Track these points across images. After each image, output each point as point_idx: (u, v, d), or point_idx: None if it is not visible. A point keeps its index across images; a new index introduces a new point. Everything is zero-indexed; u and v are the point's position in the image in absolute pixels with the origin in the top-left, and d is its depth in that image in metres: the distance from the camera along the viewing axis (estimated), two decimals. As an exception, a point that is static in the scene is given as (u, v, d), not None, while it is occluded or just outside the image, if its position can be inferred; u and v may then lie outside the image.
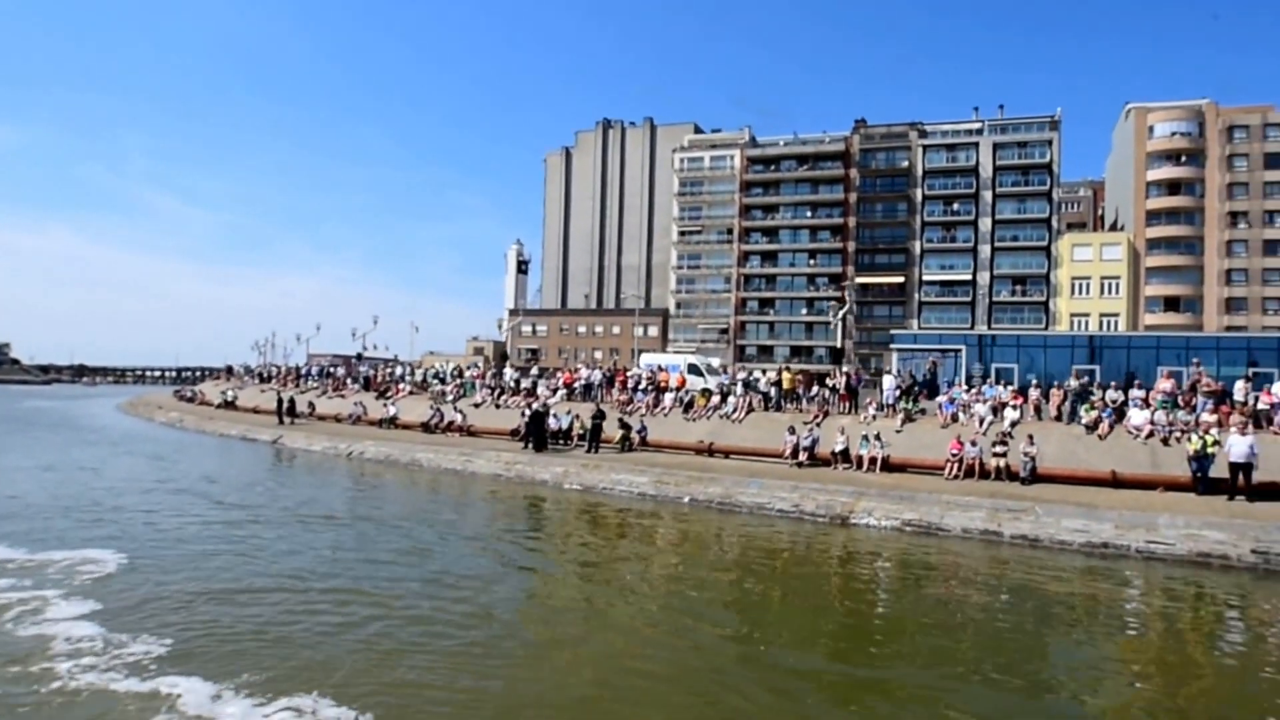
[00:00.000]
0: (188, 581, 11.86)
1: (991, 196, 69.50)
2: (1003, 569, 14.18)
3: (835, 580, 13.94)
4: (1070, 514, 16.04)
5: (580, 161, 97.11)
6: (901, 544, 16.09)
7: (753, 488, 20.05)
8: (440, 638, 9.72)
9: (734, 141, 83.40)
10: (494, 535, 17.32)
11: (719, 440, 25.44)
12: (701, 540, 16.96)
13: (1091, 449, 20.21)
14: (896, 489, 18.98)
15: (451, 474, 25.77)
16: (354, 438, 32.13)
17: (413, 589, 12.04)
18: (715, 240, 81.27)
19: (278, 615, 10.47)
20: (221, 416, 44.53)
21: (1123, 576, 13.71)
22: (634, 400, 30.49)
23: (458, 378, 40.20)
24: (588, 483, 22.71)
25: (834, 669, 9.43)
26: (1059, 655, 10.04)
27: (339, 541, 15.65)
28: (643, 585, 13.36)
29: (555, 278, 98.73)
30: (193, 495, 20.53)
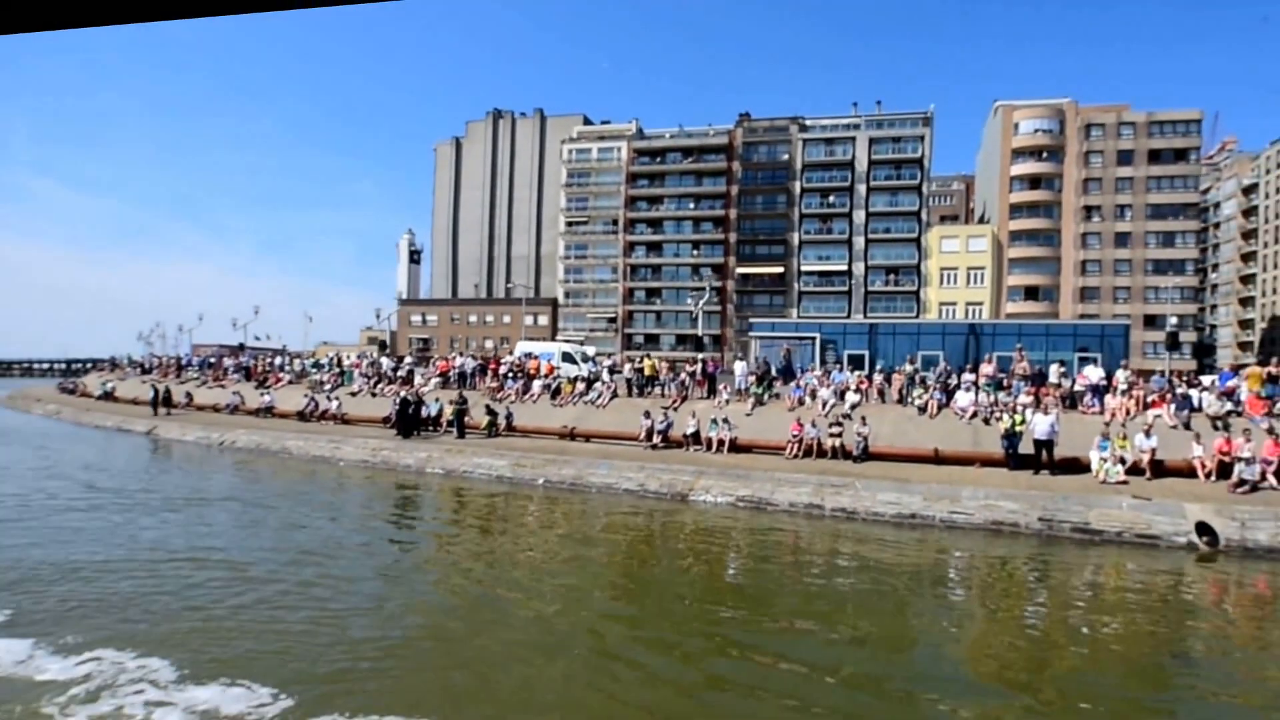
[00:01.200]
0: (31, 559, 12.14)
1: (866, 190, 71.92)
2: (826, 540, 14.91)
3: (681, 551, 14.36)
4: (886, 489, 16.95)
5: (470, 151, 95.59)
6: (734, 518, 16.69)
7: (602, 469, 20.37)
8: (283, 598, 10.48)
9: (621, 133, 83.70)
10: (344, 513, 17.47)
11: (582, 425, 25.65)
12: (546, 516, 17.23)
13: (921, 428, 21.32)
14: (736, 468, 19.60)
15: (319, 461, 25.43)
16: (228, 427, 31.25)
17: (254, 557, 12.75)
18: (602, 231, 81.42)
19: (119, 584, 10.99)
20: (99, 408, 42.95)
21: (922, 541, 14.62)
22: (505, 387, 30.40)
23: (336, 367, 39.17)
24: (450, 467, 22.66)
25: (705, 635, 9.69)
26: (903, 612, 10.84)
27: (190, 520, 15.92)
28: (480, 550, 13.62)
29: (445, 268, 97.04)
30: (59, 481, 20.31)
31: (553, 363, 33.22)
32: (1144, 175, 68.59)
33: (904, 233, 71.24)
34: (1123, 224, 69.10)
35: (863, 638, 9.69)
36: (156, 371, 49.25)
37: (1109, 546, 14.10)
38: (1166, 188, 68.67)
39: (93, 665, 7.90)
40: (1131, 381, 20.97)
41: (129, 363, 57.51)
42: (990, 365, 23.47)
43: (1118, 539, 14.25)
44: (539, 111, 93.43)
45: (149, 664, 7.95)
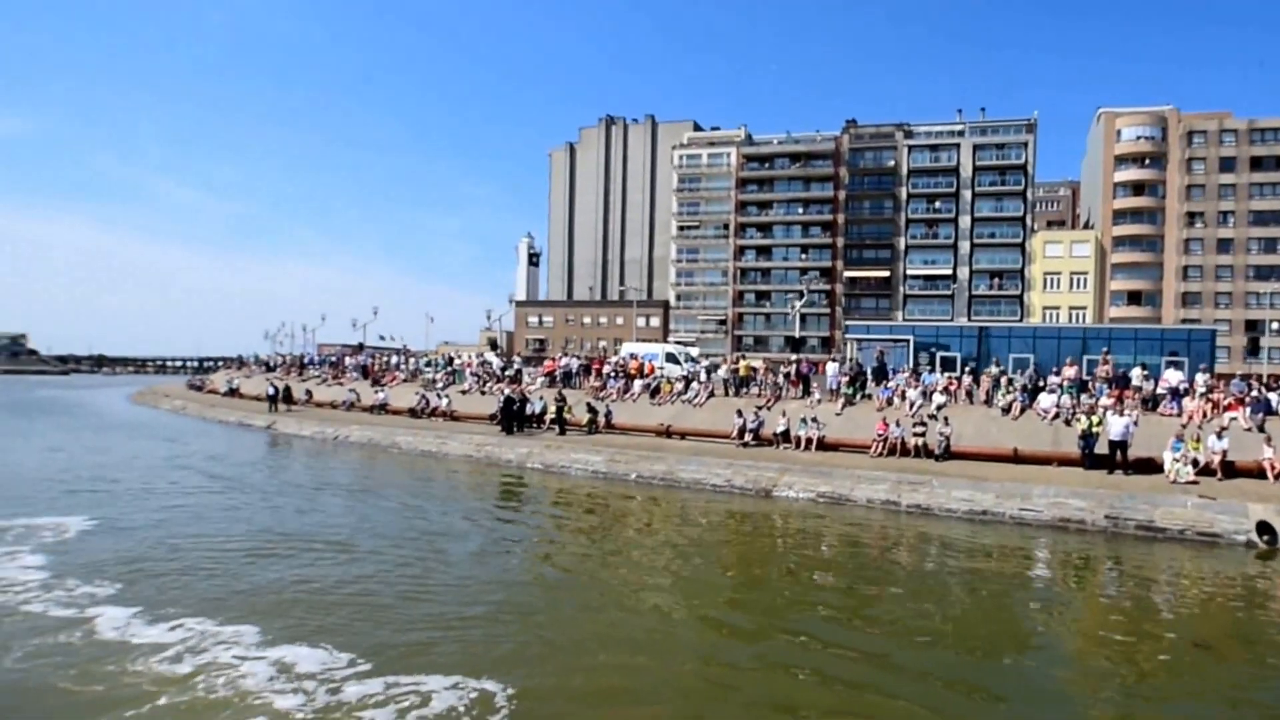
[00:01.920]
0: (149, 539, 13.58)
1: (971, 195, 71.23)
2: (906, 535, 15.94)
3: (767, 543, 15.66)
4: (960, 486, 17.65)
5: (584, 157, 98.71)
6: (815, 513, 17.67)
7: (692, 465, 21.77)
8: (382, 577, 11.69)
9: (731, 139, 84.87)
10: (445, 503, 18.96)
11: (679, 423, 27.17)
12: (636, 508, 18.66)
13: (1004, 429, 21.79)
14: (819, 465, 20.60)
15: (427, 456, 27.14)
16: (343, 423, 33.64)
17: (357, 539, 14.20)
18: (713, 235, 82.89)
19: (228, 561, 12.38)
20: (224, 404, 46.02)
21: (994, 537, 15.39)
22: (606, 386, 32.28)
23: (448, 366, 42.12)
24: (549, 462, 24.39)
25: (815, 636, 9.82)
26: (989, 605, 11.49)
27: (300, 506, 17.67)
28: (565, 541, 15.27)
29: (561, 270, 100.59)
30: (182, 471, 22.59)
31: (655, 363, 34.97)
32: (1246, 182, 66.77)
33: (1008, 238, 70.40)
34: (1225, 230, 67.43)
35: (955, 631, 10.06)
36: (279, 370, 53.03)
37: (1171, 544, 14.44)
38: (1269, 194, 66.69)
39: (186, 631, 8.78)
40: (1211, 385, 21.00)
41: (255, 361, 62.34)
42: (1073, 368, 23.67)
43: (1180, 536, 14.59)
44: (650, 118, 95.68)
45: (242, 630, 8.87)
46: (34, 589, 10.39)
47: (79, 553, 12.51)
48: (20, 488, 18.80)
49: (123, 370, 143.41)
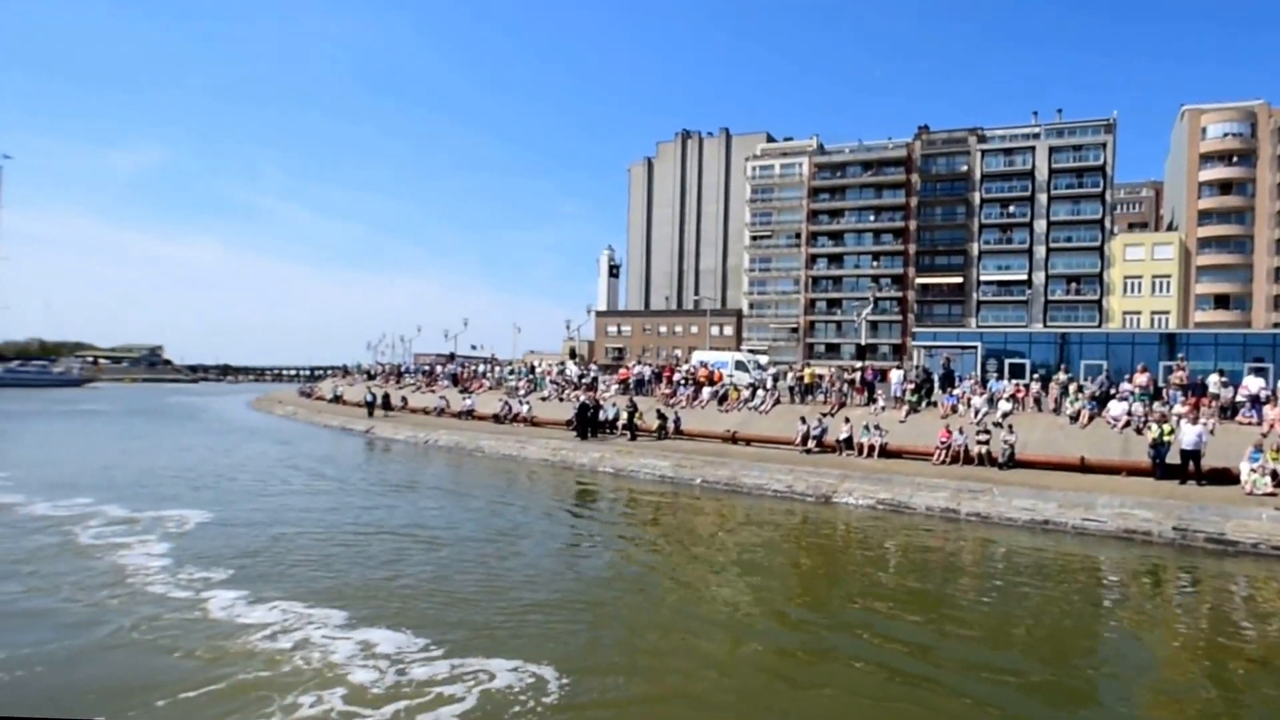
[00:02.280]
0: (259, 531, 14.57)
1: (1047, 199, 68.27)
2: (967, 544, 15.38)
3: (826, 548, 15.38)
4: (1021, 495, 16.93)
5: (661, 171, 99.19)
6: (875, 520, 17.29)
7: (755, 471, 21.52)
8: (461, 568, 12.38)
9: (803, 149, 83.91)
10: (523, 503, 19.44)
11: (744, 430, 26.90)
12: (700, 511, 18.62)
13: (1071, 437, 20.78)
14: (880, 472, 20.09)
15: (507, 459, 27.83)
16: (433, 428, 34.81)
17: (442, 534, 14.97)
18: (785, 244, 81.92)
19: (326, 551, 13.23)
20: (329, 410, 48.31)
21: (1056, 547, 14.68)
22: (676, 394, 32.24)
23: (529, 374, 42.81)
24: (619, 466, 24.53)
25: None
26: (1057, 617, 10.79)
27: (393, 504, 18.52)
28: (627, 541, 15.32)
29: (639, 281, 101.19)
30: (291, 470, 24.10)
31: (725, 371, 34.75)
32: (1342, 179, 60.38)
33: (1086, 241, 67.10)
34: (1320, 229, 61.43)
35: (1025, 642, 9.76)
36: (379, 378, 55.31)
37: (1244, 558, 13.52)
38: (1366, 191, 60.20)
39: (283, 612, 9.47)
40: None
41: (358, 370, 64.90)
42: (1144, 375, 22.37)
43: (1253, 550, 13.63)
44: (724, 131, 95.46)
45: (332, 613, 9.49)
46: (157, 573, 11.35)
47: (197, 542, 13.50)
48: (153, 484, 20.25)
49: (244, 379, 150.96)
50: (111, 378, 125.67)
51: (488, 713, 7.02)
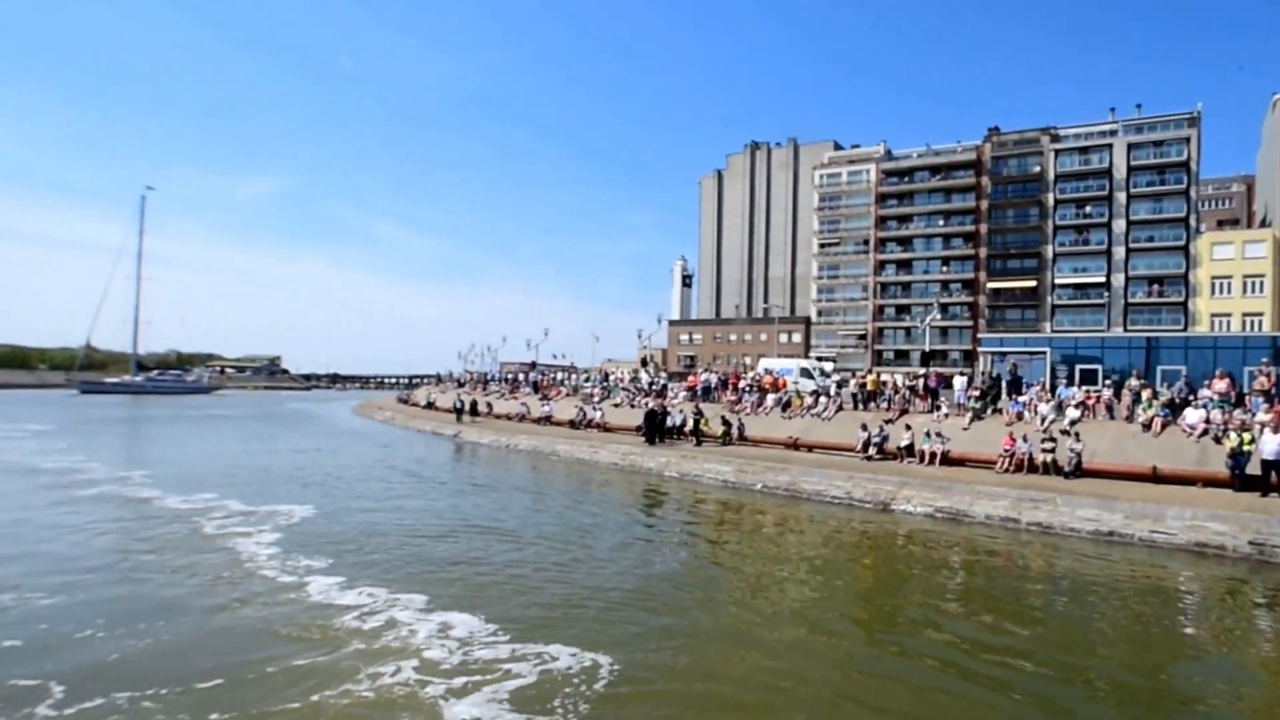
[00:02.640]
0: (357, 525, 15.59)
1: (1126, 197, 64.22)
2: (1029, 555, 14.51)
3: (885, 555, 14.78)
4: (1086, 505, 15.90)
5: (731, 182, 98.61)
6: (933, 528, 16.51)
7: (815, 477, 20.91)
8: (534, 561, 12.98)
9: (870, 156, 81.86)
10: (595, 504, 19.66)
11: (807, 436, 26.25)
12: (760, 515, 18.13)
13: (1143, 446, 19.44)
14: (940, 480, 19.21)
15: (581, 462, 28.06)
16: (514, 433, 35.35)
17: (518, 529, 15.73)
18: (853, 251, 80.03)
19: (416, 543, 14.04)
20: (422, 416, 49.65)
21: (1124, 560, 13.67)
22: (742, 400, 31.74)
23: (603, 381, 42.99)
24: (683, 471, 24.28)
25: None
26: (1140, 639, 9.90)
27: (478, 501, 19.49)
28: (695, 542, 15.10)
29: (710, 290, 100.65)
30: (388, 470, 25.76)
31: (790, 378, 34.05)
32: None
33: (1169, 241, 62.60)
34: None
35: (1103, 648, 9.27)
36: (467, 385, 56.68)
37: (1330, 577, 12.33)
38: None
39: (373, 596, 10.35)
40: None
41: (450, 378, 66.62)
42: (1224, 380, 20.68)
43: (1341, 569, 12.41)
44: (792, 140, 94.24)
45: (415, 598, 10.30)
46: (267, 560, 12.43)
47: (303, 533, 14.57)
48: (268, 481, 21.74)
49: (350, 386, 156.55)
50: (236, 385, 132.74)
51: (544, 690, 7.51)
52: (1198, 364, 24.81)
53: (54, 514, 16.03)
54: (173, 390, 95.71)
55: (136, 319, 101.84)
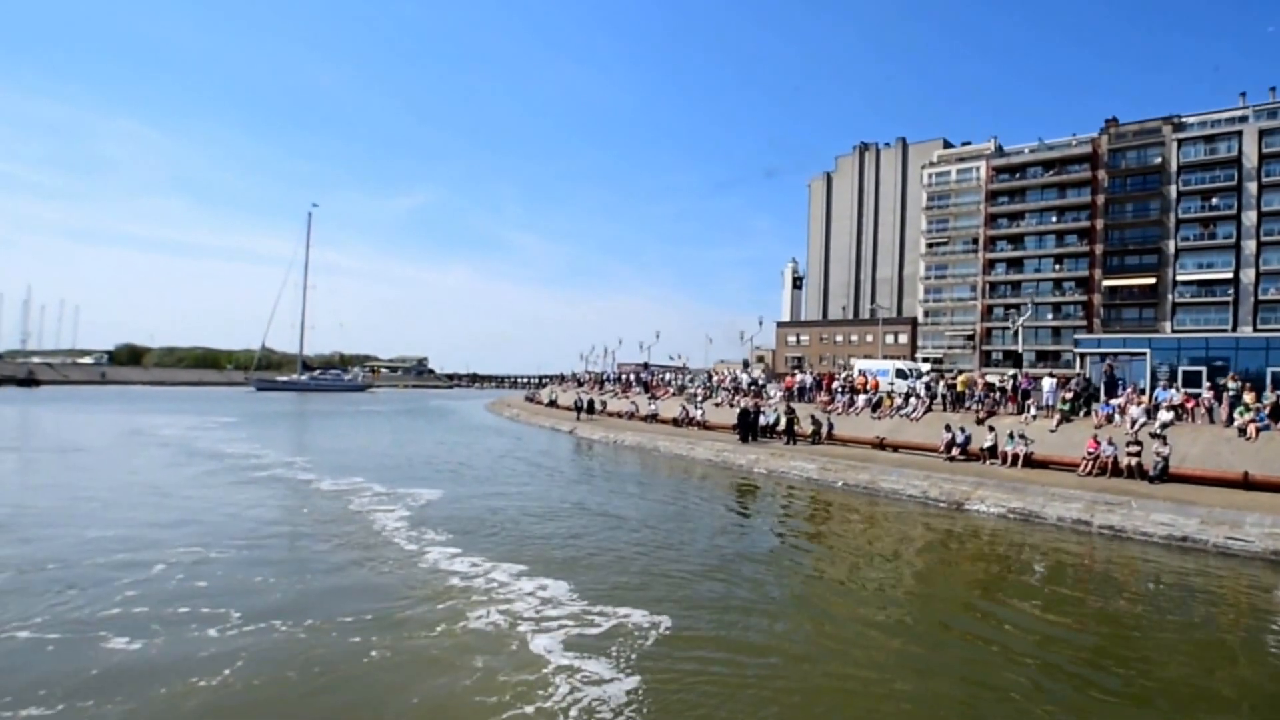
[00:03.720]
0: (478, 506, 17.35)
1: (1257, 188, 58.10)
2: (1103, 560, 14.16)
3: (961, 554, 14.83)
4: (1161, 509, 15.18)
5: (839, 184, 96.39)
6: (1005, 529, 16.20)
7: (893, 476, 20.79)
8: (627, 540, 14.26)
9: (980, 153, 77.97)
10: (690, 495, 20.68)
11: (894, 436, 25.96)
12: (841, 513, 18.32)
13: (1238, 451, 18.18)
14: (1020, 481, 18.72)
15: (679, 458, 28.87)
16: (622, 429, 36.72)
17: (616, 514, 17.08)
18: (962, 250, 76.54)
19: (526, 523, 15.54)
20: (545, 413, 51.90)
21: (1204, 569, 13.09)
22: (834, 400, 31.59)
23: (706, 381, 43.59)
24: (771, 468, 24.62)
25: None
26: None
27: (584, 490, 21.08)
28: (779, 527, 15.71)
29: (817, 291, 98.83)
30: (514, 460, 28.22)
31: (885, 379, 33.50)
32: None
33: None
34: None
35: (1172, 647, 9.22)
36: (586, 385, 58.61)
37: None
38: None
39: (479, 565, 11.72)
40: None
41: (571, 377, 68.98)
42: (1340, 385, 18.95)
43: None
44: (901, 140, 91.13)
45: (513, 566, 11.62)
46: (395, 532, 14.17)
47: (430, 512, 16.25)
48: (408, 469, 24.09)
49: (488, 385, 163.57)
50: (388, 383, 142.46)
51: (608, 638, 8.70)
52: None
53: (235, 491, 18.55)
54: (332, 388, 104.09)
55: (303, 324, 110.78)
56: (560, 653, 8.21)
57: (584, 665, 7.88)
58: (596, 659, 8.04)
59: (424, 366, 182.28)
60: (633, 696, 7.19)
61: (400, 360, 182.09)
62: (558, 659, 8.04)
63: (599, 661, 7.99)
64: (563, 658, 8.08)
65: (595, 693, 7.24)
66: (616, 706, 7.00)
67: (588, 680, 7.53)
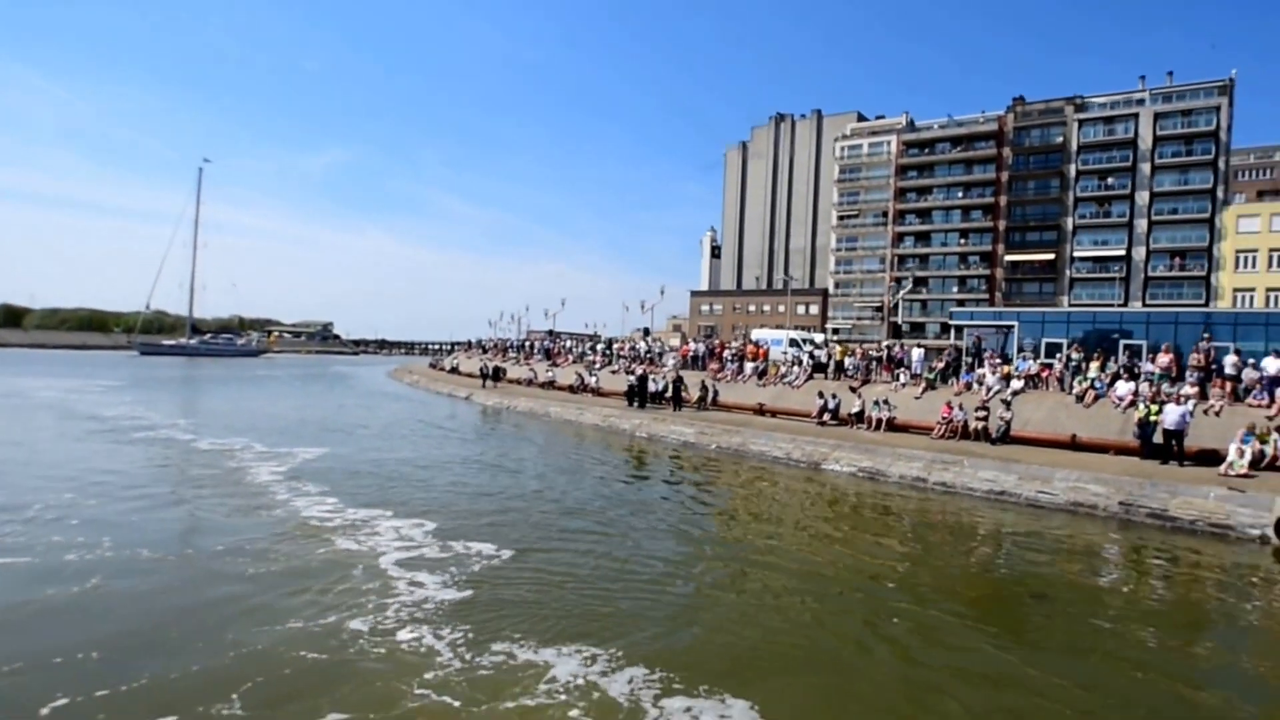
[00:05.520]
0: (357, 461, 18.58)
1: (1150, 169, 62.51)
2: (915, 508, 15.48)
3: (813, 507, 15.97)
4: (988, 467, 16.74)
5: (755, 153, 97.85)
6: (850, 485, 17.65)
7: (762, 440, 21.99)
8: (487, 491, 15.76)
9: (892, 127, 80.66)
10: (562, 450, 22.43)
11: (774, 403, 27.21)
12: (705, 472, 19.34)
13: (1074, 416, 20.03)
14: (878, 444, 20.06)
15: (567, 423, 29.90)
16: (517, 396, 37.30)
17: (488, 470, 18.24)
18: (872, 223, 79.34)
19: (399, 475, 16.91)
20: (443, 379, 52.07)
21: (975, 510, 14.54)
22: (724, 368, 32.70)
23: (605, 349, 44.22)
24: (652, 432, 25.62)
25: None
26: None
27: (462, 450, 22.19)
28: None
29: (732, 261, 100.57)
30: (402, 424, 28.68)
31: (780, 348, 34.80)
32: None
33: (1193, 213, 60.82)
34: None
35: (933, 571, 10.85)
36: (490, 352, 58.53)
37: (1182, 534, 13.07)
38: None
39: (356, 512, 12.81)
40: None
41: (477, 344, 68.65)
42: (1167, 355, 21.01)
43: (1190, 527, 13.13)
44: (816, 112, 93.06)
45: (380, 510, 12.93)
46: (271, 484, 15.17)
47: (307, 468, 17.27)
48: (298, 430, 24.83)
49: (396, 352, 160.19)
50: (291, 349, 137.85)
51: (454, 562, 10.19)
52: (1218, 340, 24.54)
53: (112, 448, 19.23)
54: (224, 353, 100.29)
55: (192, 284, 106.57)
56: (402, 571, 9.61)
57: (422, 578, 9.34)
58: (437, 574, 9.57)
59: (329, 332, 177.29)
60: (459, 604, 8.58)
61: (304, 325, 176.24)
62: (398, 573, 9.52)
63: (437, 576, 9.50)
64: (404, 574, 9.51)
65: (420, 595, 8.78)
66: (442, 606, 8.44)
67: (419, 586, 9.07)
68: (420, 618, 8.01)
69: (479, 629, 7.77)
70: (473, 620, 8.00)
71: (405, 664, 6.89)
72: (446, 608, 8.38)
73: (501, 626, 7.86)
